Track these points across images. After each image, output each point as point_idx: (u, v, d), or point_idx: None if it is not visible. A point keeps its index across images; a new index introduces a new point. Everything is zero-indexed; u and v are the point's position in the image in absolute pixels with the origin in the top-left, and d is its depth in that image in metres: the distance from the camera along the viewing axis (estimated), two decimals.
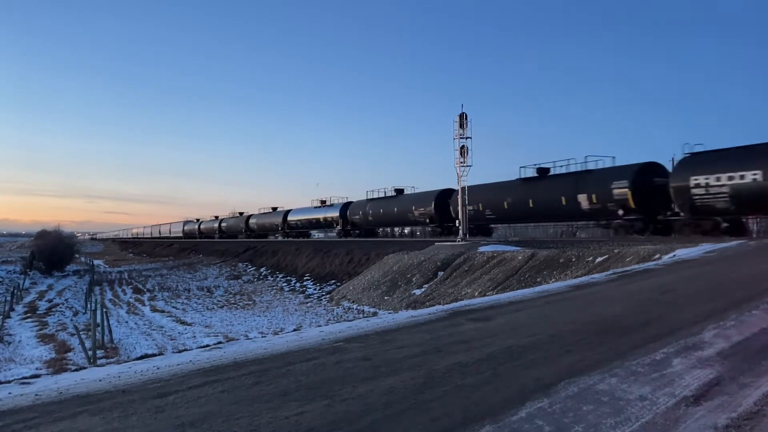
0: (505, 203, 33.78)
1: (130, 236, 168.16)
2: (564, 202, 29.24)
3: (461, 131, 29.31)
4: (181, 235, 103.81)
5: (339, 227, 54.22)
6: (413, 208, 42.90)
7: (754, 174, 21.49)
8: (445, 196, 39.88)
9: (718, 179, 22.60)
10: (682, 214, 24.78)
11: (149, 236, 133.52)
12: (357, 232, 51.88)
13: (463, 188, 30.14)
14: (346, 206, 53.13)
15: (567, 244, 23.83)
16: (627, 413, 3.70)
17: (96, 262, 66.44)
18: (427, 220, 41.94)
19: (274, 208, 70.80)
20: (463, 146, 29.34)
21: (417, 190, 45.26)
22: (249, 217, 76.03)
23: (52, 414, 3.85)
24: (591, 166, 29.20)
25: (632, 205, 25.98)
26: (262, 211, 73.44)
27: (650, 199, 25.84)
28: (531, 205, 31.57)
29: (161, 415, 3.76)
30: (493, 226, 39.96)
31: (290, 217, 63.83)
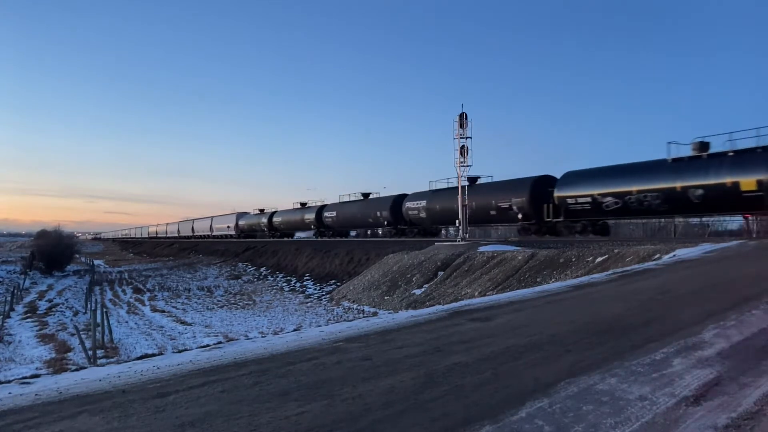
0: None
1: (145, 236, 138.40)
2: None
3: (461, 131, 29.31)
4: (232, 233, 77.08)
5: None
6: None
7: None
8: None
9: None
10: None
11: (175, 236, 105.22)
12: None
13: (463, 187, 30.18)
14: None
15: (567, 244, 23.84)
16: (627, 413, 3.70)
17: (96, 262, 66.44)
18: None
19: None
20: (463, 146, 29.35)
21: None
22: (403, 198, 44.80)
23: (52, 414, 3.85)
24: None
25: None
26: (422, 191, 43.93)
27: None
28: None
29: (161, 415, 3.76)
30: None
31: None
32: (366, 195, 49.16)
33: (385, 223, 44.80)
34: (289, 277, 37.70)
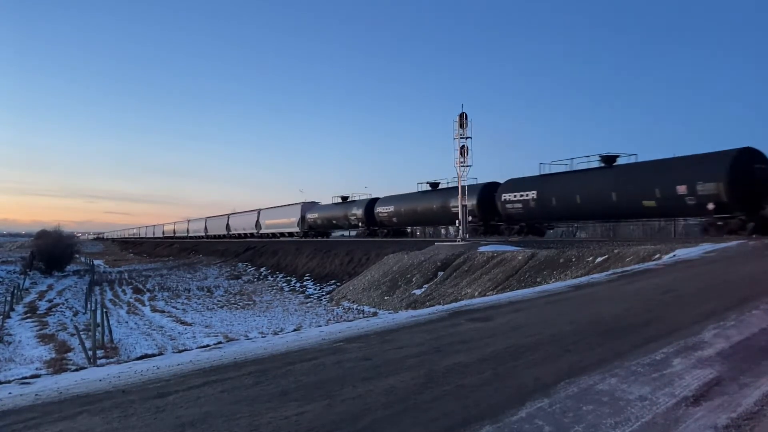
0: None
1: (159, 235, 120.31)
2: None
3: (461, 131, 29.30)
4: (295, 230, 59.04)
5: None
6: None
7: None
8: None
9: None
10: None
11: (200, 235, 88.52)
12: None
13: (463, 187, 30.16)
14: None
15: (567, 244, 23.84)
16: (627, 413, 3.70)
17: (96, 262, 66.43)
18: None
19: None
20: (463, 146, 29.34)
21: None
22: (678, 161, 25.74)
23: (52, 414, 3.85)
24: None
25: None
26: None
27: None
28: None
29: (161, 415, 3.76)
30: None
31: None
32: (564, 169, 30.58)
33: (693, 206, 23.22)
34: (289, 277, 37.70)
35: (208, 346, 6.65)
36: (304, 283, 34.43)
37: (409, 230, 47.18)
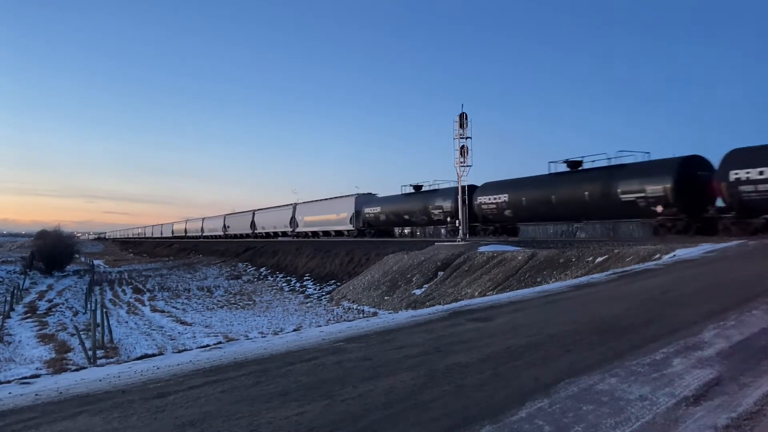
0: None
1: (168, 235, 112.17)
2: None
3: (461, 131, 29.31)
4: (348, 228, 48.88)
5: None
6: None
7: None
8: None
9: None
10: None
11: (218, 234, 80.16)
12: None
13: (463, 188, 30.15)
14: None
15: (567, 244, 23.83)
16: (627, 413, 3.70)
17: (96, 262, 66.44)
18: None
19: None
20: (463, 146, 29.34)
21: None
22: None
23: (52, 414, 3.85)
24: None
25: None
26: None
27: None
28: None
29: (161, 415, 3.76)
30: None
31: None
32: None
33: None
34: (289, 277, 37.70)
35: (208, 346, 6.65)
36: (304, 283, 34.42)
37: (530, 228, 34.37)
